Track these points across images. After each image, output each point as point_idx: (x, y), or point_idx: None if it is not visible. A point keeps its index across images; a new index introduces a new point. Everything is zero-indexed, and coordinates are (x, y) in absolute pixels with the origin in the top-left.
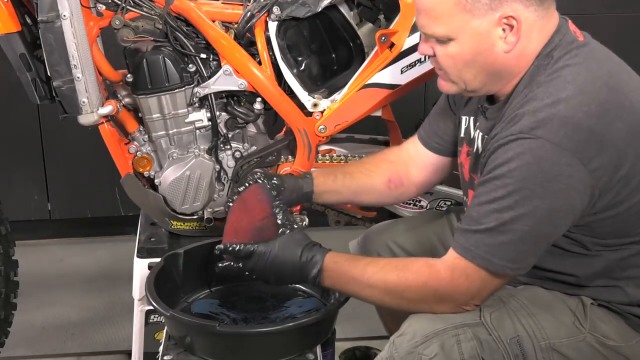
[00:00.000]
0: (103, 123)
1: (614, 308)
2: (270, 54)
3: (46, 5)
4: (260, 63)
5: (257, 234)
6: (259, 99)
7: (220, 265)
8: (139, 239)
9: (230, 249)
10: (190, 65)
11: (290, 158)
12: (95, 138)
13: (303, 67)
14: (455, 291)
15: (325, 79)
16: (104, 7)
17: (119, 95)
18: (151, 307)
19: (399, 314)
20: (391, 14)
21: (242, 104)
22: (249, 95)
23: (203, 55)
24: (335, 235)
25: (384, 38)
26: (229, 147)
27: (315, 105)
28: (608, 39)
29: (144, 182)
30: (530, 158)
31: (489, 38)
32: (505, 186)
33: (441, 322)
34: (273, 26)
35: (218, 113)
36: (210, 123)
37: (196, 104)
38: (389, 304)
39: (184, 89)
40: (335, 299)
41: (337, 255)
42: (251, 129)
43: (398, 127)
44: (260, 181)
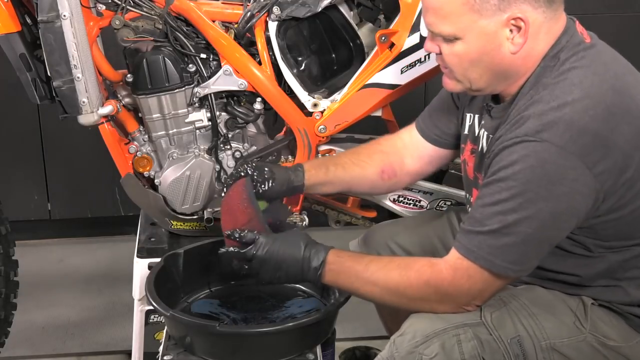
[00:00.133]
0: (103, 123)
1: (615, 308)
2: (270, 54)
3: (46, 5)
4: (260, 63)
5: None
6: (259, 99)
7: (222, 250)
8: (139, 239)
9: (235, 235)
10: (190, 65)
11: (290, 158)
12: (95, 138)
13: (303, 67)
14: (456, 291)
15: (325, 79)
16: (104, 7)
17: (119, 95)
18: (151, 307)
19: (399, 314)
20: (391, 14)
21: (242, 104)
22: (249, 95)
23: (203, 55)
24: (335, 235)
25: (384, 38)
26: (229, 147)
27: (315, 105)
28: (608, 39)
29: (144, 182)
30: (534, 161)
31: (496, 38)
32: (510, 188)
33: (442, 322)
34: (273, 26)
35: (218, 113)
36: (210, 123)
37: (196, 104)
38: (389, 301)
39: (184, 89)
40: (335, 299)
41: (340, 251)
42: (251, 129)
43: (398, 127)
44: (243, 174)
